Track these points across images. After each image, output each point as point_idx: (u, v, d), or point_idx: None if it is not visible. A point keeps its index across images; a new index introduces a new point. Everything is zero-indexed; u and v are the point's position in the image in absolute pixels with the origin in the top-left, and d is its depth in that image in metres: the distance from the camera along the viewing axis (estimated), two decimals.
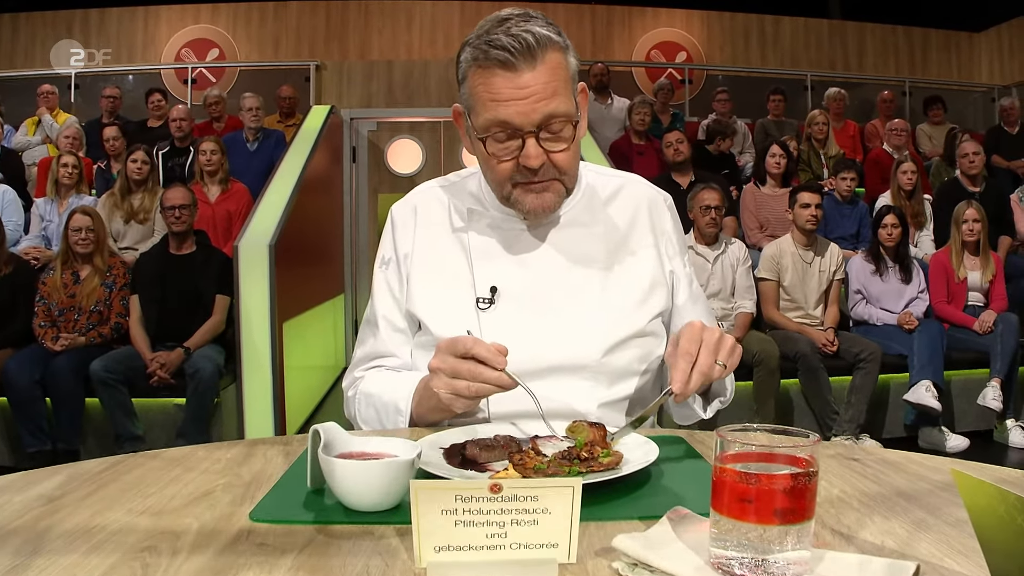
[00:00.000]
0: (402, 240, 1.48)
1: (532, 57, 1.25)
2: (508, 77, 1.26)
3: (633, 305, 1.43)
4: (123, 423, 4.21)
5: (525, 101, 1.26)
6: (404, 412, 1.35)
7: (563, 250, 1.43)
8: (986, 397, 4.68)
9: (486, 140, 1.31)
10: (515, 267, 1.42)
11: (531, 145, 1.29)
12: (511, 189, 1.35)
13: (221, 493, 1.01)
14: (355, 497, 0.91)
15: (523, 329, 1.37)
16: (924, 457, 1.19)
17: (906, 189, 5.81)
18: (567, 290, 1.40)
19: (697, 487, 1.00)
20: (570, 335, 1.38)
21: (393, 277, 1.49)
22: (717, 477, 0.73)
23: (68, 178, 5.54)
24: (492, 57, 1.25)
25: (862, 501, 0.98)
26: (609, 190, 1.51)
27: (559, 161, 1.32)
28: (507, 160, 1.32)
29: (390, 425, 1.38)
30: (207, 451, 1.21)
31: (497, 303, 1.40)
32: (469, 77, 1.30)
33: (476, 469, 1.04)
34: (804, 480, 0.70)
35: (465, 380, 1.18)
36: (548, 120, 1.28)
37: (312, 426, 0.98)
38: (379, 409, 1.40)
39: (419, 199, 1.52)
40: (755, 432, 0.77)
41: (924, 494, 1.01)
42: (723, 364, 1.20)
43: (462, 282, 1.42)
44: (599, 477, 0.97)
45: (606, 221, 1.47)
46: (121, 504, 0.97)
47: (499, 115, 1.27)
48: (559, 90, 1.28)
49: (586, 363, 1.38)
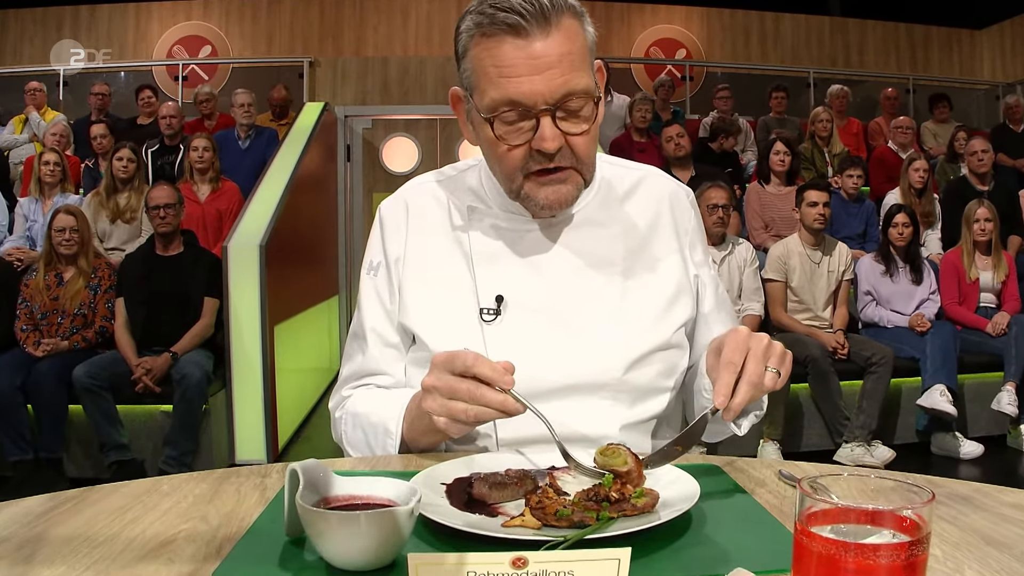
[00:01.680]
0: (393, 243, 1.31)
1: (547, 21, 1.08)
2: (519, 45, 1.08)
3: (656, 314, 1.26)
4: (107, 431, 4.05)
5: (540, 75, 1.08)
6: (394, 435, 1.18)
7: (577, 253, 1.25)
8: (1000, 401, 4.53)
9: (493, 121, 1.13)
10: (523, 273, 1.24)
11: (547, 125, 1.11)
12: (522, 181, 1.17)
13: (183, 543, 0.85)
14: (340, 554, 0.75)
15: (534, 344, 1.21)
16: (995, 489, 1.03)
17: (917, 187, 5.66)
18: (583, 299, 1.24)
19: (751, 534, 0.84)
20: (587, 350, 1.21)
21: (383, 285, 1.31)
22: (800, 542, 0.57)
23: (50, 176, 5.37)
24: (499, 21, 1.08)
25: (947, 552, 0.82)
26: (627, 184, 1.34)
27: (578, 146, 1.14)
28: (519, 145, 1.14)
29: (379, 449, 1.21)
30: (172, 485, 1.05)
31: (504, 314, 1.23)
32: (471, 49, 1.13)
33: (485, 512, 0.88)
34: (917, 551, 0.55)
35: (464, 402, 1.01)
36: (566, 97, 1.10)
37: (289, 465, 0.82)
38: (367, 431, 1.23)
39: (411, 195, 1.34)
40: (844, 478, 0.62)
41: (1015, 540, 0.85)
42: (777, 371, 1.04)
43: (463, 290, 1.25)
44: (636, 526, 0.81)
45: (624, 220, 1.29)
46: (62, 558, 0.81)
47: (508, 91, 1.09)
48: (577, 62, 1.11)
49: (606, 381, 1.21)
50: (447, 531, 0.84)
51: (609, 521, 0.83)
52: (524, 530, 0.83)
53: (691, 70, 9.49)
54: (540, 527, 0.84)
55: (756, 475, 1.07)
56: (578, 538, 0.78)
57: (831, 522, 0.57)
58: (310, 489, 0.81)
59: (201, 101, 7.08)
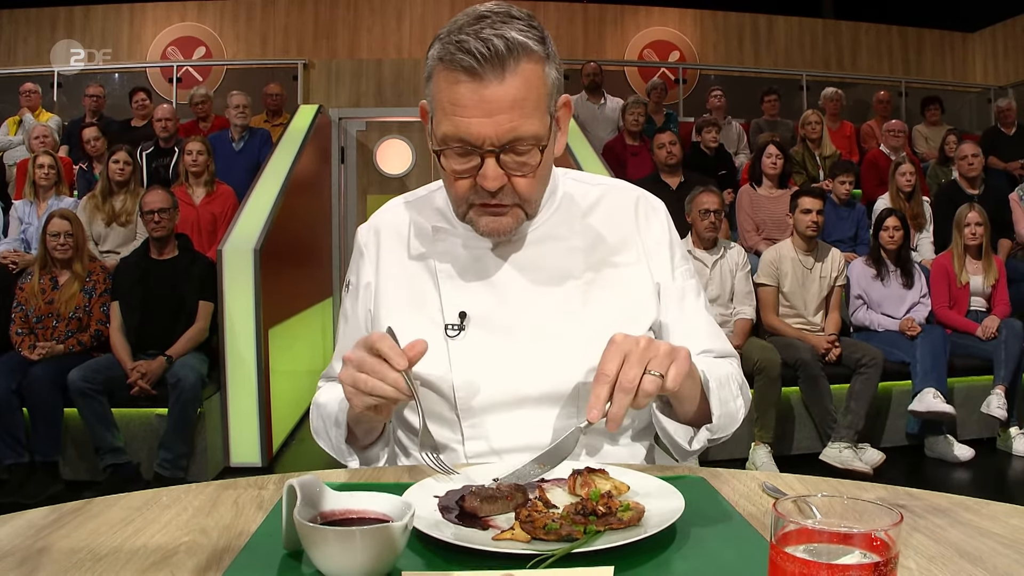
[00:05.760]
0: (365, 268, 1.39)
1: (502, 67, 1.11)
2: (472, 87, 1.11)
3: (617, 323, 1.26)
4: (102, 435, 4.06)
5: (490, 118, 1.12)
6: (342, 424, 1.24)
7: (538, 267, 1.30)
8: (990, 405, 4.57)
9: (442, 154, 1.18)
10: (484, 289, 1.29)
11: (490, 166, 1.15)
12: (467, 208, 1.22)
13: (184, 556, 0.88)
14: (337, 569, 0.78)
15: (496, 357, 1.26)
16: (975, 502, 1.06)
17: (905, 191, 5.70)
18: (543, 312, 1.28)
19: (733, 548, 0.87)
20: (548, 361, 1.26)
21: (351, 302, 1.42)
22: (775, 561, 0.60)
23: (45, 179, 5.38)
24: (457, 61, 1.11)
25: (921, 566, 0.85)
26: (590, 199, 1.38)
27: (520, 187, 1.19)
28: (464, 178, 1.19)
29: (334, 438, 1.28)
30: (172, 496, 1.07)
31: (467, 330, 1.28)
32: (434, 77, 1.16)
33: (477, 526, 0.91)
34: (886, 570, 0.58)
35: (365, 375, 1.07)
36: (513, 143, 1.14)
37: (287, 481, 0.85)
38: (325, 420, 1.33)
39: (383, 220, 1.42)
40: (818, 500, 0.65)
41: (988, 554, 0.88)
42: (659, 374, 1.04)
43: (429, 308, 1.30)
44: (622, 539, 0.84)
45: (585, 232, 1.34)
46: (67, 571, 0.84)
47: (458, 128, 1.13)
48: (529, 109, 1.13)
49: (568, 390, 1.26)
50: (439, 544, 0.87)
51: (596, 535, 0.86)
52: (514, 543, 0.86)
53: (684, 72, 9.52)
54: (529, 540, 0.87)
55: (741, 488, 1.10)
56: (565, 552, 0.81)
57: (804, 542, 0.60)
58: (307, 504, 0.83)
59: (196, 103, 7.08)
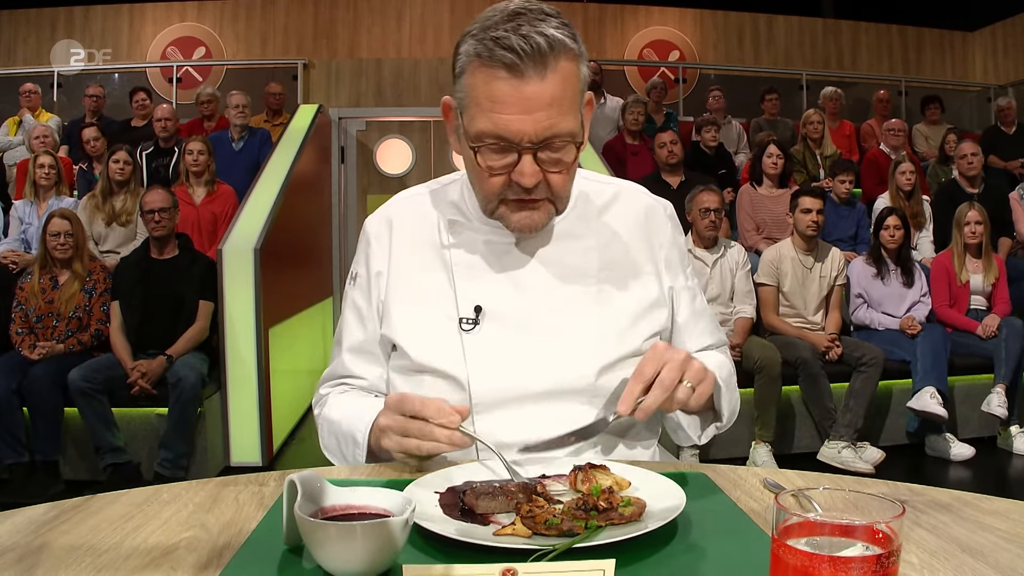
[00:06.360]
0: (376, 258, 1.37)
1: (543, 64, 1.11)
2: (513, 84, 1.12)
3: (628, 323, 1.32)
4: (103, 434, 4.06)
5: (529, 115, 1.13)
6: (362, 445, 1.24)
7: (553, 264, 1.31)
8: (991, 403, 4.56)
9: (478, 150, 1.18)
10: (501, 284, 1.30)
11: (527, 163, 1.16)
12: (498, 204, 1.23)
13: (185, 552, 0.88)
14: (338, 564, 0.78)
15: (510, 352, 1.27)
16: (976, 497, 1.06)
17: (905, 190, 5.70)
18: (557, 308, 1.29)
19: (735, 543, 0.87)
20: (561, 356, 1.27)
21: (360, 295, 1.38)
22: (776, 554, 0.60)
23: (46, 179, 5.38)
24: (497, 58, 1.11)
25: (923, 560, 0.85)
26: (604, 198, 1.39)
27: (555, 183, 1.20)
28: (499, 175, 1.19)
29: (349, 457, 1.28)
30: (172, 493, 1.07)
31: (482, 324, 1.28)
32: (468, 73, 1.16)
33: (478, 521, 0.91)
34: (888, 562, 0.57)
35: (415, 440, 1.11)
36: (550, 139, 1.15)
37: (288, 476, 0.84)
38: (339, 439, 1.31)
39: (395, 211, 1.40)
40: (819, 493, 0.64)
41: (990, 549, 0.88)
42: (692, 386, 1.13)
43: (444, 301, 1.30)
44: (623, 535, 0.84)
45: (600, 232, 1.35)
46: (65, 568, 0.83)
47: (497, 126, 1.14)
48: (567, 106, 1.15)
49: (579, 386, 1.27)
50: (440, 539, 0.87)
51: (597, 530, 0.86)
52: (515, 539, 0.86)
53: (684, 72, 9.51)
54: (531, 536, 0.86)
55: (742, 483, 1.10)
56: (566, 547, 0.81)
57: (806, 535, 0.60)
58: (308, 499, 0.83)
59: (203, 102, 7.07)
